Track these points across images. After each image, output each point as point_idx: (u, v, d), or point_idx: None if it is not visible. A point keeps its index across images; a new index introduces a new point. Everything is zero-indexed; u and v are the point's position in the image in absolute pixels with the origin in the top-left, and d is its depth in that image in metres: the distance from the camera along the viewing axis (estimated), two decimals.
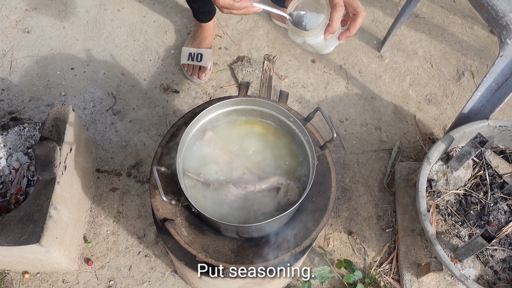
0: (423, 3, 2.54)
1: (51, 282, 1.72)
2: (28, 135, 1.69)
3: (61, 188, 1.54)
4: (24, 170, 1.63)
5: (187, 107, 2.11)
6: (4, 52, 2.22)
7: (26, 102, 2.08)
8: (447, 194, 1.73)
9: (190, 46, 2.17)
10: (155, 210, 1.19)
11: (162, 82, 2.17)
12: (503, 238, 1.66)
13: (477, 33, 2.45)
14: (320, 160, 1.27)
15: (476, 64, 2.34)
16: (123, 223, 1.84)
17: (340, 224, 1.88)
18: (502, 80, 1.60)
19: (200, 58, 2.13)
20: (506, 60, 1.52)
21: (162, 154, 1.26)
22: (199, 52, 2.14)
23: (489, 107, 1.72)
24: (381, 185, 1.97)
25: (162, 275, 1.75)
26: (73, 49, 2.24)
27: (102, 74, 2.18)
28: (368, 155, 2.05)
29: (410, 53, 2.34)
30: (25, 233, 1.41)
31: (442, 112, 2.18)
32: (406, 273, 1.71)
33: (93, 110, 2.08)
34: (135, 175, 1.94)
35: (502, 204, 1.71)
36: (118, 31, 2.31)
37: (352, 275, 1.67)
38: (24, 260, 1.58)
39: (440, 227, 1.68)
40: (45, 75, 2.16)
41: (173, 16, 2.38)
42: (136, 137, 2.02)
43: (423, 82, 2.26)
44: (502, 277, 1.61)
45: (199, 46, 2.15)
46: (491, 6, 1.46)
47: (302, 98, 2.17)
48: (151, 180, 1.21)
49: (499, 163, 1.78)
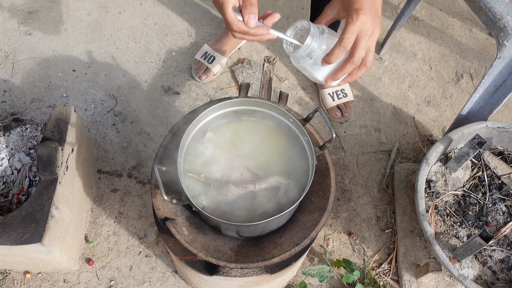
0: (422, 6, 2.55)
1: (52, 282, 1.73)
2: (30, 136, 1.70)
3: (62, 188, 1.55)
4: (26, 170, 1.64)
5: (187, 109, 2.13)
6: (6, 54, 2.24)
7: (28, 103, 2.10)
8: (446, 195, 1.74)
9: (210, 45, 2.20)
10: (156, 210, 1.20)
11: (163, 84, 2.18)
12: (502, 239, 1.67)
13: (475, 35, 2.46)
14: (320, 160, 1.28)
15: (475, 66, 2.35)
16: (124, 223, 1.85)
17: (340, 225, 1.89)
18: (500, 82, 1.62)
19: (211, 60, 2.16)
20: (504, 61, 1.54)
21: (163, 154, 1.27)
22: (213, 55, 2.17)
23: (488, 108, 1.73)
24: (380, 186, 1.98)
25: (162, 275, 1.76)
26: (75, 51, 2.26)
27: (104, 75, 2.20)
28: (367, 156, 2.06)
29: (409, 55, 2.36)
30: (27, 232, 1.42)
31: (441, 114, 2.20)
32: (405, 274, 1.72)
33: (94, 112, 2.09)
34: (136, 176, 1.95)
35: (501, 205, 1.72)
36: (119, 33, 2.33)
37: (351, 275, 1.68)
38: (25, 259, 1.59)
39: (439, 228, 1.70)
40: (47, 76, 2.18)
41: (174, 19, 2.40)
42: (137, 138, 2.04)
43: (422, 84, 2.28)
44: (500, 277, 1.62)
45: (216, 50, 2.18)
46: (489, 8, 1.48)
47: (302, 100, 2.18)
48: (152, 180, 1.22)
49: (498, 164, 1.79)
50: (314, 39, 0.90)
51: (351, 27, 0.88)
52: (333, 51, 0.89)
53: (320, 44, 0.91)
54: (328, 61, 0.91)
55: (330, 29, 0.95)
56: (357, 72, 0.94)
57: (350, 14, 0.89)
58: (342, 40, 0.88)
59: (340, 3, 0.95)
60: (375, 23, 0.91)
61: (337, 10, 0.96)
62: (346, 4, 0.92)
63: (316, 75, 0.96)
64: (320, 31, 0.91)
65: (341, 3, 0.95)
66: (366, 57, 0.92)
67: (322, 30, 0.92)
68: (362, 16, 0.88)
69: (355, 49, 0.90)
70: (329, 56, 0.90)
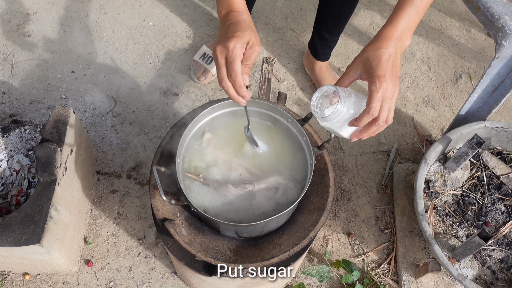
0: None
1: (51, 283, 1.72)
2: (29, 137, 1.70)
3: (61, 190, 1.55)
4: (25, 172, 1.64)
5: (186, 110, 2.13)
6: (5, 55, 2.24)
7: (27, 105, 2.10)
8: (445, 195, 1.74)
9: (209, 46, 2.21)
10: (155, 210, 1.20)
11: (161, 85, 2.19)
12: (501, 238, 1.67)
13: (474, 36, 2.47)
14: (318, 161, 1.28)
15: (474, 67, 2.36)
16: (123, 224, 1.85)
17: (339, 225, 1.89)
18: (499, 82, 1.62)
19: (209, 61, 2.16)
20: (502, 61, 1.54)
21: (162, 155, 1.27)
22: (212, 55, 2.17)
23: (486, 108, 1.73)
24: (379, 187, 1.99)
25: (162, 276, 1.76)
26: (74, 52, 2.26)
27: (102, 77, 2.20)
28: (366, 157, 2.06)
29: (408, 56, 2.36)
30: (26, 233, 1.42)
31: (439, 114, 2.20)
32: (404, 274, 1.72)
33: (93, 113, 2.10)
34: (135, 177, 1.95)
35: (500, 205, 1.72)
36: (118, 35, 2.33)
37: (351, 276, 1.68)
38: (24, 261, 1.58)
39: (438, 228, 1.70)
40: (46, 78, 2.18)
41: (173, 20, 2.40)
42: (136, 140, 2.04)
43: (421, 85, 2.28)
44: (499, 277, 1.62)
45: None
46: (487, 8, 1.48)
47: (301, 100, 2.18)
48: (151, 180, 1.22)
49: (496, 164, 1.79)
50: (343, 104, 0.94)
51: (376, 95, 0.92)
52: (362, 118, 0.94)
53: (348, 108, 0.95)
54: (356, 125, 0.95)
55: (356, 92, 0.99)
56: (380, 129, 0.98)
57: (373, 81, 0.93)
58: (370, 109, 0.92)
59: (363, 66, 0.98)
60: (395, 86, 0.94)
61: (359, 72, 0.99)
62: (368, 69, 0.95)
63: (342, 134, 1.00)
64: (347, 95, 0.95)
65: (363, 66, 0.97)
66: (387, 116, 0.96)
67: (348, 94, 0.96)
68: (384, 84, 0.92)
69: (380, 113, 0.94)
70: (357, 121, 0.95)
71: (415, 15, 1.01)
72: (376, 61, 0.95)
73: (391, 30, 1.00)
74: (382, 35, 1.00)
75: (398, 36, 0.99)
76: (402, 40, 1.00)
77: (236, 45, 0.97)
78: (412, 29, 1.02)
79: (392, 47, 0.97)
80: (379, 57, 0.95)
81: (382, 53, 0.95)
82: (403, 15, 1.00)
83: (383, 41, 0.98)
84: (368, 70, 0.96)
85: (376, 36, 1.01)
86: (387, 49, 0.96)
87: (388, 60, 0.95)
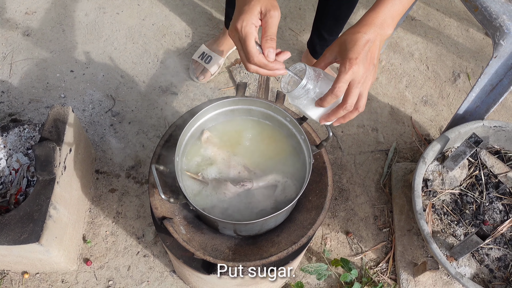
0: (419, 6, 2.56)
1: (50, 282, 1.73)
2: (28, 136, 1.71)
3: (60, 188, 1.55)
4: (24, 170, 1.64)
5: (185, 109, 2.13)
6: (4, 54, 2.24)
7: (26, 104, 2.10)
8: (443, 193, 1.75)
9: (208, 46, 2.21)
10: (154, 209, 1.20)
11: (160, 84, 2.19)
12: (499, 237, 1.68)
13: (472, 35, 2.47)
14: (317, 159, 1.28)
15: (472, 66, 2.36)
16: (122, 223, 1.85)
17: (338, 224, 1.90)
18: (496, 81, 1.63)
19: (209, 60, 2.17)
20: (500, 61, 1.55)
21: (161, 153, 1.28)
22: (210, 55, 2.18)
23: (484, 107, 1.74)
24: (377, 186, 1.99)
25: (160, 275, 1.77)
26: (73, 51, 2.26)
27: (101, 76, 2.20)
28: (365, 156, 2.06)
29: (406, 55, 2.37)
30: (25, 232, 1.42)
31: (438, 113, 2.20)
32: (402, 272, 1.73)
33: (92, 112, 2.10)
34: (134, 176, 1.95)
35: (498, 204, 1.73)
36: (117, 34, 2.33)
37: (349, 274, 1.69)
38: (23, 260, 1.59)
39: (436, 227, 1.70)
40: (45, 77, 2.18)
41: (172, 19, 2.40)
42: (135, 139, 2.04)
43: (419, 84, 2.29)
44: (497, 275, 1.62)
45: (213, 50, 2.19)
46: (485, 8, 1.49)
47: None
48: (150, 179, 1.23)
49: (494, 163, 1.80)
50: (309, 81, 0.94)
51: (343, 76, 0.91)
52: (326, 97, 0.93)
53: (315, 86, 0.95)
54: (320, 105, 0.95)
55: (328, 74, 0.98)
56: (350, 115, 0.98)
57: (344, 62, 0.92)
58: (334, 89, 0.92)
59: (338, 49, 0.97)
60: (368, 71, 0.93)
61: (335, 55, 0.98)
62: (343, 51, 0.94)
63: (310, 115, 1.00)
64: (316, 74, 0.95)
65: (339, 48, 0.96)
66: (358, 102, 0.96)
67: (318, 74, 0.96)
68: (355, 66, 0.91)
69: (347, 96, 0.93)
70: (321, 100, 0.94)
71: (399, 4, 0.98)
72: (351, 44, 0.93)
73: (372, 16, 0.97)
74: (363, 20, 0.97)
75: (379, 23, 0.96)
76: (383, 28, 0.97)
77: (243, 23, 0.91)
78: (395, 18, 0.99)
79: (371, 33, 0.94)
80: (355, 41, 0.93)
81: (359, 37, 0.93)
82: (386, 3, 0.97)
83: (363, 26, 0.96)
84: (342, 52, 0.94)
85: (357, 22, 0.99)
86: (366, 34, 0.94)
87: (364, 45, 0.93)
